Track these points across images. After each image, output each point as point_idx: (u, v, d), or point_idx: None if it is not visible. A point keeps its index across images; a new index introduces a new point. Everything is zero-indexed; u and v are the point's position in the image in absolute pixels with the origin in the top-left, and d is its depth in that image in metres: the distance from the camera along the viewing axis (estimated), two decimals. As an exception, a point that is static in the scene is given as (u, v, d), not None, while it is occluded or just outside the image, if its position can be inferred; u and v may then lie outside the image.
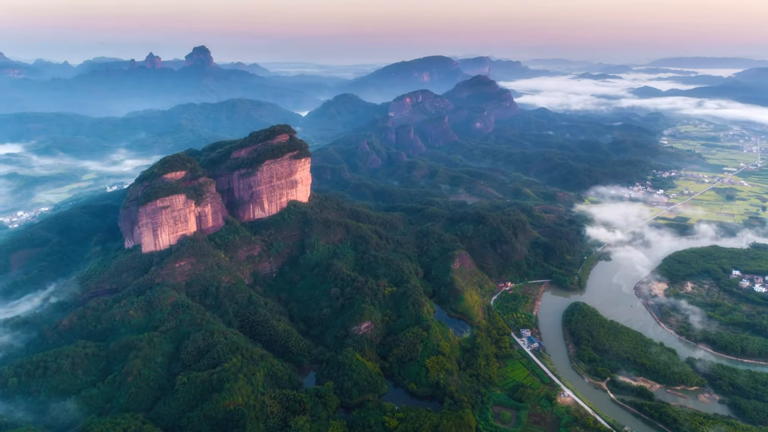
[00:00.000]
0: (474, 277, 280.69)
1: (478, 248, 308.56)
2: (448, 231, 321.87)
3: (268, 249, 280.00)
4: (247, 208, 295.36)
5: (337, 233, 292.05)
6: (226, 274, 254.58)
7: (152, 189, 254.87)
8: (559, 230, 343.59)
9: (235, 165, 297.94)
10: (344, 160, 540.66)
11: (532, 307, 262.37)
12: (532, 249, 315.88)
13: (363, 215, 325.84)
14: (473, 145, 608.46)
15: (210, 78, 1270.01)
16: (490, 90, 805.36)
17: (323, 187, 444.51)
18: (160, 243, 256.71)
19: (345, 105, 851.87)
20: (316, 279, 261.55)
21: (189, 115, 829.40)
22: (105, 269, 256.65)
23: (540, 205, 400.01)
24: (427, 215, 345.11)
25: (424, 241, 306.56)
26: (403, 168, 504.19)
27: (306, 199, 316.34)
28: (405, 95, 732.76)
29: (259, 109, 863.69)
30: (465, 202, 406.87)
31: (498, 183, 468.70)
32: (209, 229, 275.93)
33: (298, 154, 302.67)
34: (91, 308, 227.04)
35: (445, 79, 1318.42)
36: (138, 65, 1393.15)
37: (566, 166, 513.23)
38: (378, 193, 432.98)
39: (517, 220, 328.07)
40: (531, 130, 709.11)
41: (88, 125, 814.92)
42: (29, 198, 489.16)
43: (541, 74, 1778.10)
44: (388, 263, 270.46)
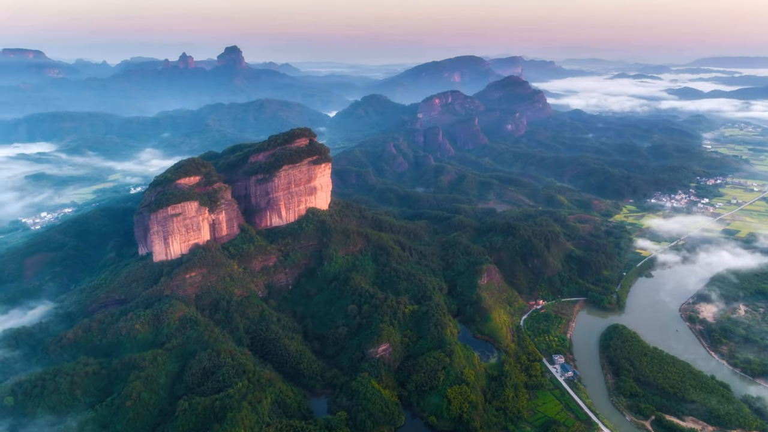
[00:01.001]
0: (503, 294, 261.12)
1: (507, 261, 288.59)
2: (475, 242, 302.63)
3: (284, 259, 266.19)
4: (264, 215, 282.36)
5: (357, 243, 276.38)
6: (239, 286, 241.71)
7: (164, 195, 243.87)
8: (596, 242, 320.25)
9: (253, 170, 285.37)
10: (370, 163, 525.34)
11: (566, 328, 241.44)
12: (565, 263, 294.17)
13: (385, 224, 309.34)
14: (504, 148, 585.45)
15: (240, 78, 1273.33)
16: (522, 91, 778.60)
17: (348, 192, 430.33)
18: (172, 252, 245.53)
19: (373, 106, 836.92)
20: (333, 293, 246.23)
21: (217, 116, 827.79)
22: (115, 278, 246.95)
23: (574, 214, 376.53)
24: (454, 224, 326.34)
25: (450, 252, 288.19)
26: (430, 172, 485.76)
27: (326, 206, 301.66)
28: (434, 96, 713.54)
29: (286, 110, 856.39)
30: (494, 210, 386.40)
31: (529, 189, 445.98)
32: (223, 237, 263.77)
33: (317, 159, 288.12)
34: (98, 321, 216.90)
35: (477, 79, 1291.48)
36: (172, 65, 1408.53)
37: (602, 172, 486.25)
38: (403, 198, 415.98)
39: (549, 232, 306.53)
40: (565, 132, 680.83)
41: (119, 125, 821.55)
42: (54, 199, 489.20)
43: (575, 74, 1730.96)
44: (410, 277, 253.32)
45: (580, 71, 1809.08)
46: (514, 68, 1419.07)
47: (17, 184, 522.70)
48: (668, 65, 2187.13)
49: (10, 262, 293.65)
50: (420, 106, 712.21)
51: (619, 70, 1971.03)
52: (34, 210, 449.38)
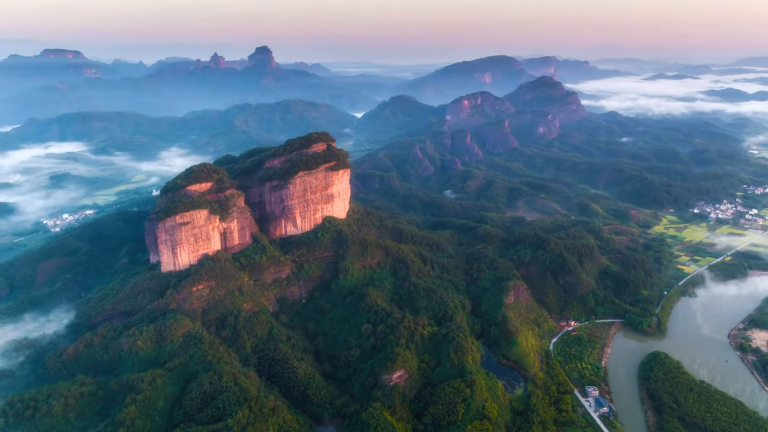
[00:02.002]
0: (531, 314, 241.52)
1: (536, 277, 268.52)
2: (502, 255, 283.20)
3: (297, 271, 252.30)
4: (278, 224, 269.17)
5: (374, 256, 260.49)
6: (249, 300, 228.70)
7: (172, 203, 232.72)
8: (633, 257, 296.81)
9: (268, 176, 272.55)
10: (395, 166, 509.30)
11: (601, 354, 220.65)
12: (600, 280, 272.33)
13: (406, 234, 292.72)
14: (535, 152, 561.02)
15: (270, 78, 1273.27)
16: (555, 92, 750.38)
17: (370, 197, 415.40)
18: (180, 262, 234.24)
19: (400, 107, 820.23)
20: (348, 310, 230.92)
21: (244, 116, 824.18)
22: (122, 288, 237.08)
23: (610, 225, 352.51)
24: (479, 235, 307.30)
25: (474, 266, 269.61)
26: (456, 177, 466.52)
27: (343, 214, 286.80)
28: (463, 97, 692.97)
29: (313, 110, 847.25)
30: (523, 218, 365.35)
31: (561, 196, 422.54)
32: (235, 247, 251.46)
33: (335, 165, 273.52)
34: (100, 335, 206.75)
35: (508, 79, 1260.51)
36: (203, 65, 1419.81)
37: (640, 179, 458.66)
38: (427, 205, 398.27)
39: (583, 245, 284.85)
40: (600, 136, 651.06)
41: (148, 124, 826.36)
42: (77, 200, 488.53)
43: (611, 75, 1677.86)
44: (431, 294, 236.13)
45: (615, 71, 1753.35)
46: (547, 68, 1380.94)
47: (43, 184, 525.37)
48: (709, 65, 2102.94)
49: (23, 267, 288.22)
50: (448, 107, 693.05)
51: (656, 70, 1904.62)
52: (56, 211, 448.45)
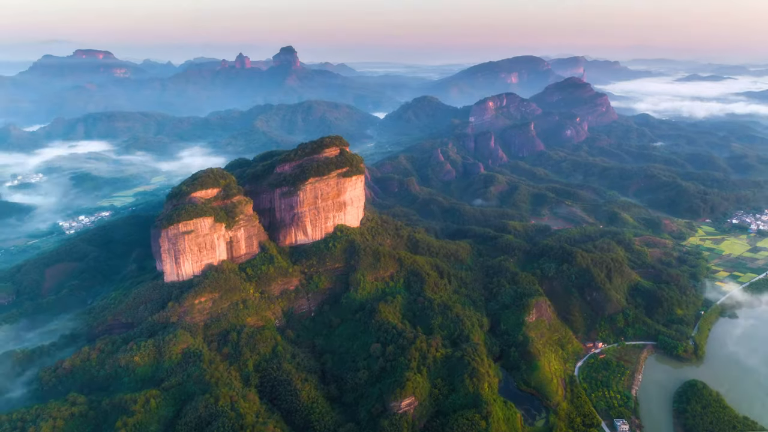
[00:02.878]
0: (554, 334, 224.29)
1: (560, 293, 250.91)
2: (524, 268, 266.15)
3: (306, 283, 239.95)
4: (288, 232, 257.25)
5: (387, 268, 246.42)
6: (253, 313, 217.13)
7: (175, 211, 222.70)
8: (666, 272, 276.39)
9: (278, 181, 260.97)
10: (416, 170, 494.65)
11: (631, 381, 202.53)
12: (630, 297, 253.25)
13: (422, 244, 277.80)
14: (562, 156, 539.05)
15: (294, 78, 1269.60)
16: (583, 93, 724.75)
17: (388, 202, 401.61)
18: (183, 272, 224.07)
19: (423, 108, 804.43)
20: (357, 326, 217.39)
21: (265, 117, 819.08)
22: (125, 298, 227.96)
23: (641, 236, 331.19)
24: (501, 246, 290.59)
25: (494, 281, 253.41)
26: (478, 182, 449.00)
27: (357, 222, 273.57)
28: (488, 98, 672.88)
29: (334, 111, 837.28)
30: (548, 228, 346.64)
31: (589, 204, 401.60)
32: (241, 256, 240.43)
33: (347, 171, 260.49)
34: (97, 349, 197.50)
35: (535, 80, 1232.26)
36: (229, 65, 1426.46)
37: (674, 186, 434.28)
38: (447, 211, 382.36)
39: (612, 260, 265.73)
40: (630, 140, 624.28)
41: (171, 125, 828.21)
42: (97, 200, 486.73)
43: (642, 75, 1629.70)
44: (446, 311, 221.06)
45: (647, 72, 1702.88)
46: (576, 69, 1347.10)
47: (63, 184, 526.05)
48: (746, 65, 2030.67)
49: (30, 272, 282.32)
50: (473, 108, 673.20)
51: (690, 70, 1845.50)
52: (73, 212, 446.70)
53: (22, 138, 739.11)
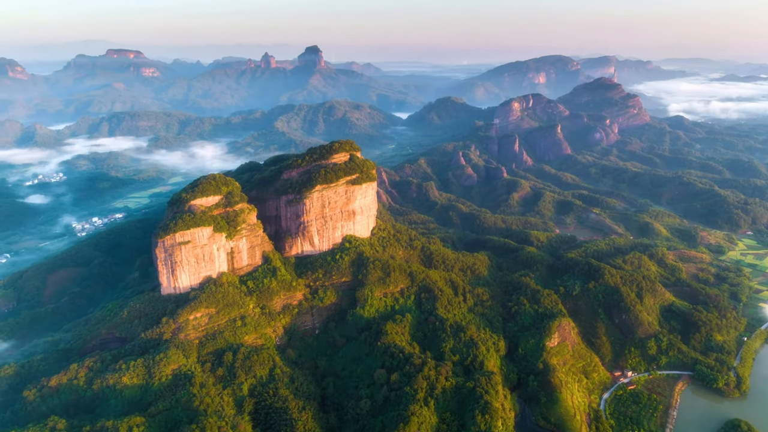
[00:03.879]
0: (579, 361, 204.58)
1: (586, 314, 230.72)
2: (547, 285, 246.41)
3: (311, 297, 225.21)
4: (294, 242, 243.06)
5: (398, 283, 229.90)
6: (252, 331, 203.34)
7: (172, 220, 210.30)
8: (704, 292, 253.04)
9: (284, 188, 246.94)
10: (436, 173, 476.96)
11: (664, 419, 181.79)
12: (664, 320, 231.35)
13: (437, 256, 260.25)
14: (590, 161, 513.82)
15: (317, 78, 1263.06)
16: (613, 94, 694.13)
17: (406, 208, 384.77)
18: (180, 285, 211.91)
19: (446, 109, 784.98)
20: (362, 347, 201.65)
21: (286, 117, 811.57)
22: (121, 310, 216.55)
23: (675, 250, 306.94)
24: (522, 259, 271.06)
25: (514, 298, 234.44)
26: (501, 187, 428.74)
27: (367, 232, 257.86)
28: (513, 99, 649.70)
29: (355, 112, 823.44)
30: (574, 238, 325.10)
31: (618, 213, 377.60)
32: (243, 268, 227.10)
33: (357, 178, 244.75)
34: (86, 366, 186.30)
35: (564, 80, 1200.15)
36: (255, 65, 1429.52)
37: (711, 194, 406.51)
38: (466, 219, 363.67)
39: (643, 277, 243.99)
40: (663, 143, 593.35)
41: (192, 124, 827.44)
42: (112, 201, 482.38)
43: (675, 75, 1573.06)
44: (459, 332, 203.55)
45: (681, 72, 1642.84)
46: (606, 68, 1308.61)
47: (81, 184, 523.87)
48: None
49: (32, 278, 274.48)
50: (497, 110, 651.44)
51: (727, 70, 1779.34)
52: (87, 214, 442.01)
53: (47, 136, 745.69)
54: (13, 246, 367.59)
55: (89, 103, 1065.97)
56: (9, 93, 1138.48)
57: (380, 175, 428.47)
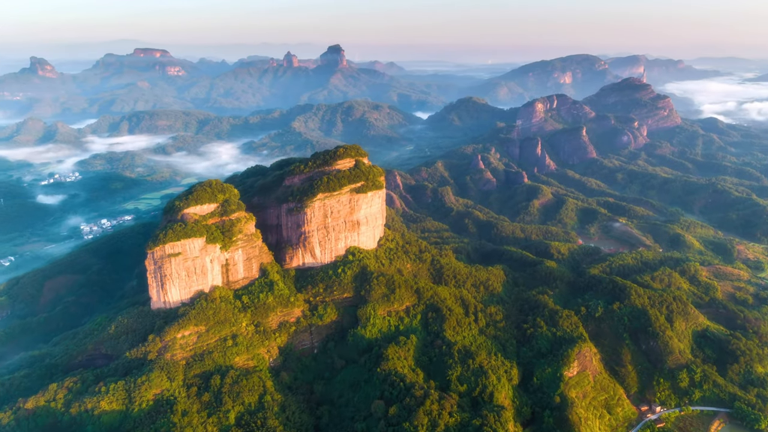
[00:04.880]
0: (601, 394, 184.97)
1: (609, 338, 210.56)
2: (566, 305, 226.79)
3: (311, 314, 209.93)
4: (295, 253, 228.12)
5: (403, 300, 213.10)
6: (244, 351, 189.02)
7: (162, 230, 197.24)
8: (743, 315, 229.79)
9: (285, 196, 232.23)
10: (453, 177, 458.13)
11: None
12: (697, 347, 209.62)
13: (448, 270, 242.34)
14: (616, 165, 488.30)
15: (338, 77, 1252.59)
16: (642, 95, 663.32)
17: (419, 214, 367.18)
18: (170, 300, 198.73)
19: (467, 110, 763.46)
20: (362, 373, 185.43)
21: (304, 117, 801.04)
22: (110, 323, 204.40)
23: (709, 266, 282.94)
24: (540, 275, 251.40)
25: (529, 319, 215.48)
26: (521, 193, 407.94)
27: (373, 244, 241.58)
28: (536, 100, 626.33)
29: (374, 112, 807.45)
30: (598, 250, 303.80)
31: (647, 223, 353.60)
32: (238, 281, 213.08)
33: (362, 186, 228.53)
34: (66, 387, 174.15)
35: (590, 80, 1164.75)
36: (277, 64, 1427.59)
37: (748, 204, 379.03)
38: (483, 227, 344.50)
39: (674, 298, 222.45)
40: (696, 147, 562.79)
41: (211, 124, 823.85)
42: (123, 202, 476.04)
43: (708, 75, 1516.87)
44: (467, 358, 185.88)
45: (714, 72, 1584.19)
46: (635, 68, 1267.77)
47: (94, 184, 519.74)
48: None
49: (28, 285, 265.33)
50: (520, 111, 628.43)
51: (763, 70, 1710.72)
52: (97, 215, 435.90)
53: (68, 135, 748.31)
54: (18, 248, 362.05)
55: (112, 101, 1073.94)
56: (37, 91, 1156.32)
57: (394, 178, 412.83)
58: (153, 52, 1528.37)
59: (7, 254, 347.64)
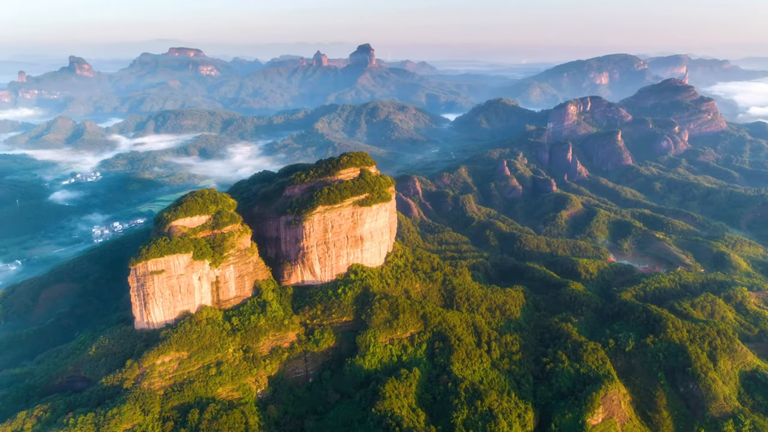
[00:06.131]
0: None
1: (641, 377, 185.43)
2: (592, 335, 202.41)
3: (306, 339, 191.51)
4: (293, 270, 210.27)
5: (408, 326, 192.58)
6: (229, 381, 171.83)
7: (144, 245, 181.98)
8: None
9: (284, 207, 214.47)
10: (477, 183, 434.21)
11: None
12: (745, 391, 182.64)
13: (460, 292, 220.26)
14: (654, 173, 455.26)
15: (366, 77, 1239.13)
16: (684, 97, 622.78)
17: (438, 224, 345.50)
18: (153, 320, 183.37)
19: (496, 111, 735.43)
20: (356, 411, 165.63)
21: (328, 118, 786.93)
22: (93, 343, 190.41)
23: (759, 291, 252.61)
24: (564, 299, 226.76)
25: (549, 352, 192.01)
26: (548, 203, 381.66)
27: (379, 260, 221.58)
28: (568, 102, 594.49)
29: (400, 113, 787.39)
30: (631, 269, 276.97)
31: (687, 238, 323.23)
32: (230, 300, 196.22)
33: (366, 199, 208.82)
34: (35, 416, 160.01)
35: (629, 81, 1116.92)
36: (307, 63, 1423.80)
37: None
38: (505, 240, 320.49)
39: (719, 332, 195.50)
40: (743, 154, 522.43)
41: (235, 124, 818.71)
42: (138, 205, 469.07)
43: (757, 76, 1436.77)
44: (476, 398, 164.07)
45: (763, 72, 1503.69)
46: (677, 68, 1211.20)
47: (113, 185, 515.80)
48: None
49: (23, 294, 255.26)
50: (551, 113, 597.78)
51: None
52: (111, 218, 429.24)
53: (96, 134, 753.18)
54: (28, 251, 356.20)
55: (142, 100, 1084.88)
56: (74, 90, 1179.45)
57: (414, 184, 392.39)
58: (187, 51, 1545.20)
59: (15, 258, 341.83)
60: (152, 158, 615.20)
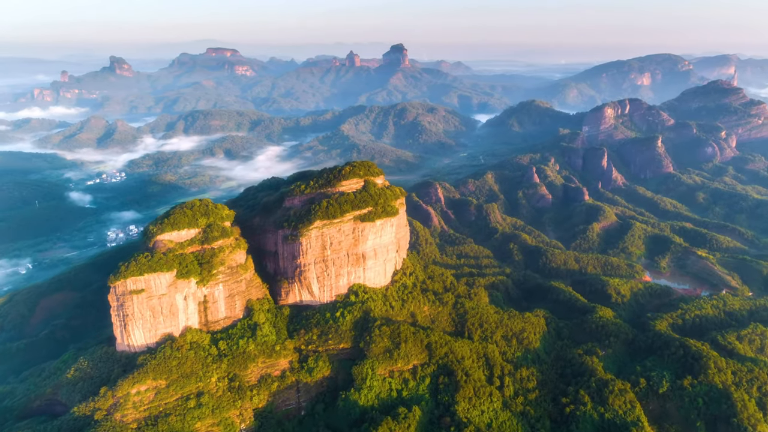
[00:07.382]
0: None
1: (677, 424, 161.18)
2: (620, 372, 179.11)
3: (299, 367, 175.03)
4: (291, 288, 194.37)
5: (410, 357, 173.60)
6: (209, 415, 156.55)
7: (124, 262, 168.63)
8: None
9: (282, 220, 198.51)
10: (504, 191, 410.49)
11: None
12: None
13: (473, 317, 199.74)
14: (697, 182, 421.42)
15: (398, 77, 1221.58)
16: (731, 100, 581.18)
17: (460, 235, 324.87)
18: (133, 342, 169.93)
19: (529, 114, 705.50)
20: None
21: (355, 120, 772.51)
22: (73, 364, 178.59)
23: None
24: (590, 327, 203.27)
25: (570, 390, 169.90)
26: (579, 214, 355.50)
27: (384, 280, 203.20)
28: (605, 105, 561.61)
29: (428, 115, 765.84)
30: (668, 290, 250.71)
31: (733, 257, 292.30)
32: (219, 322, 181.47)
33: (369, 213, 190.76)
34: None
35: (672, 82, 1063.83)
36: (340, 63, 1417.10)
37: None
38: (530, 254, 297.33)
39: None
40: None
41: (262, 124, 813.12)
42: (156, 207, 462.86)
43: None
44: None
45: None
46: (725, 69, 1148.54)
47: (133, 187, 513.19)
48: None
49: (20, 303, 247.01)
50: (587, 116, 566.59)
51: None
52: (129, 220, 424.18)
53: (126, 134, 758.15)
54: (41, 254, 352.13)
55: (176, 100, 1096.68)
56: (112, 90, 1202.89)
57: (436, 192, 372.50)
58: (224, 51, 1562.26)
59: (27, 260, 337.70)
60: (177, 159, 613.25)
